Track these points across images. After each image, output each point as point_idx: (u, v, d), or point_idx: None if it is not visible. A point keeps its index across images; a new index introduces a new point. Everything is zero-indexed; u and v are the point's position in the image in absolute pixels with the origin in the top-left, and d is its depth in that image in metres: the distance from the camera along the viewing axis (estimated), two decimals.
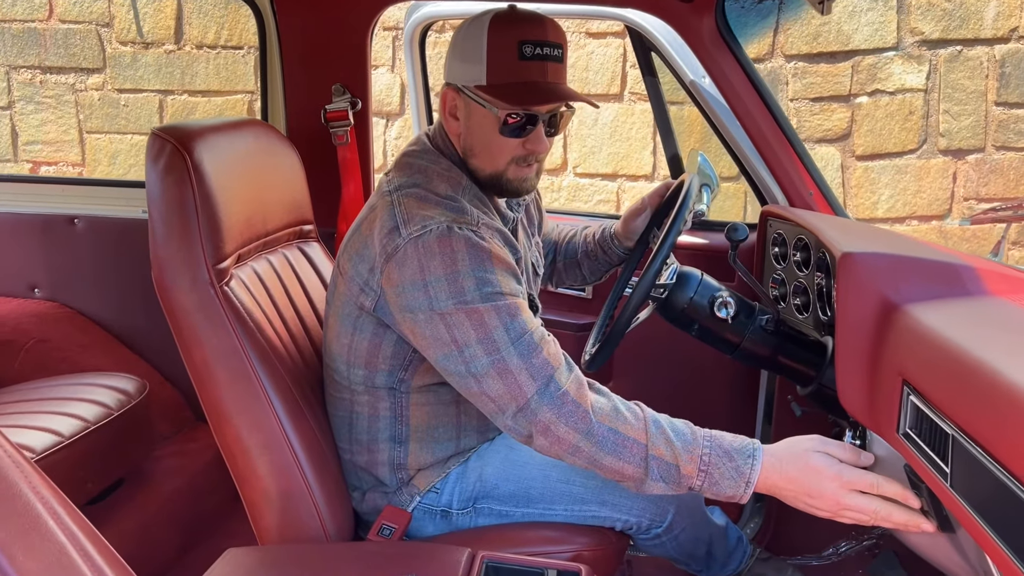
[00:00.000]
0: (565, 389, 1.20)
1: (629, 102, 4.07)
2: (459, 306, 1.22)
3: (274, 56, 1.97)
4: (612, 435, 1.19)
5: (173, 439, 2.11)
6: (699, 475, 1.19)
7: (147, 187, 1.43)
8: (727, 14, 1.79)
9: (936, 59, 3.91)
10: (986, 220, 1.39)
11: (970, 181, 3.98)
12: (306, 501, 1.40)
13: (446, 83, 1.37)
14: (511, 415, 1.22)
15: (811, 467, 1.17)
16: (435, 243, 1.24)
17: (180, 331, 1.41)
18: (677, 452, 1.19)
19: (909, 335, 1.03)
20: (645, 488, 1.21)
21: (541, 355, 1.21)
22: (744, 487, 1.18)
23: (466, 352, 1.22)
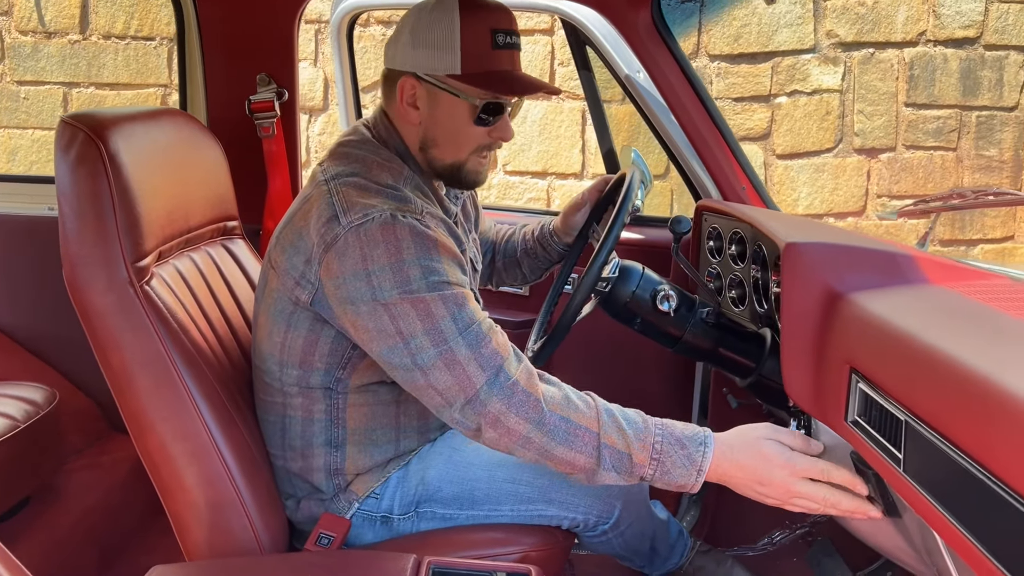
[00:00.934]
0: (515, 379, 1.18)
1: (558, 100, 4.07)
2: (404, 296, 1.18)
3: (193, 44, 1.87)
4: (564, 424, 1.17)
5: (86, 452, 1.98)
6: (651, 464, 1.18)
7: (57, 179, 1.32)
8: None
9: (850, 61, 4.06)
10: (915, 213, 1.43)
11: (883, 179, 4.15)
12: (238, 512, 1.32)
13: (403, 72, 1.32)
14: (459, 408, 1.18)
15: (763, 455, 1.17)
16: (378, 231, 1.19)
17: (96, 335, 1.32)
18: (629, 441, 1.18)
19: (856, 323, 1.04)
20: (597, 479, 1.19)
21: (490, 345, 1.19)
22: (696, 475, 1.18)
23: (412, 344, 1.18)
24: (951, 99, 4.10)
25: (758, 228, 1.45)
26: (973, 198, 1.30)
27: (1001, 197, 1.33)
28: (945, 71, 4.07)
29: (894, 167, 4.13)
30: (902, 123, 4.09)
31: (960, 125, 4.13)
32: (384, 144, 1.35)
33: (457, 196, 1.50)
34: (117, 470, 1.94)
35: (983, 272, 1.17)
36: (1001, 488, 0.72)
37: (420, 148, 1.34)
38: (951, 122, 4.12)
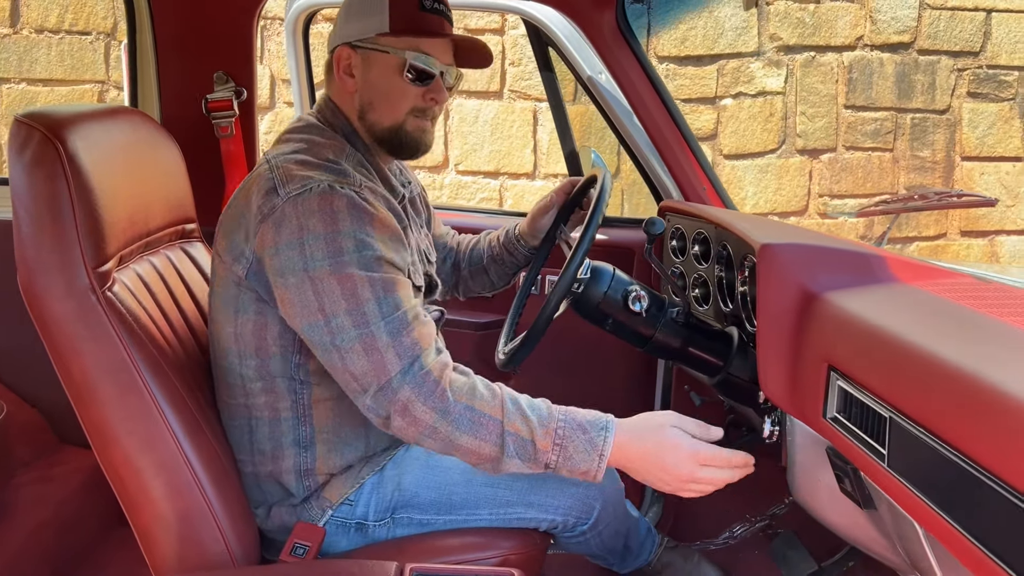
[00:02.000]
0: (429, 369, 1.19)
1: (509, 99, 4.07)
2: (334, 269, 1.18)
3: (145, 40, 1.81)
4: (469, 413, 1.18)
5: (34, 465, 1.89)
6: (554, 449, 1.19)
7: (11, 181, 1.26)
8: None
9: (793, 64, 4.17)
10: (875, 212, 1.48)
11: (824, 179, 4.28)
12: (208, 523, 1.28)
13: (337, 46, 1.38)
14: (372, 394, 1.19)
15: (668, 443, 1.20)
16: (315, 201, 1.20)
17: (55, 343, 1.26)
18: (533, 427, 1.19)
19: (833, 322, 1.06)
20: (501, 467, 1.20)
21: (412, 334, 1.19)
22: (598, 460, 1.20)
23: (333, 322, 1.18)
24: (887, 102, 4.26)
25: (728, 229, 1.47)
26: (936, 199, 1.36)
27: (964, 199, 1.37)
28: (881, 75, 4.23)
29: (835, 167, 4.27)
30: (842, 125, 4.23)
31: (896, 127, 4.29)
32: (330, 126, 1.38)
33: (407, 182, 1.52)
34: (68, 483, 1.86)
35: (947, 271, 1.22)
36: (988, 478, 0.75)
37: (359, 116, 1.37)
38: (887, 124, 4.28)
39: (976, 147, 4.36)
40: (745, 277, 1.51)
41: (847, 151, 4.27)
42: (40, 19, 4.09)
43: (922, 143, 4.30)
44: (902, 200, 1.44)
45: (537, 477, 1.37)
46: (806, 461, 1.21)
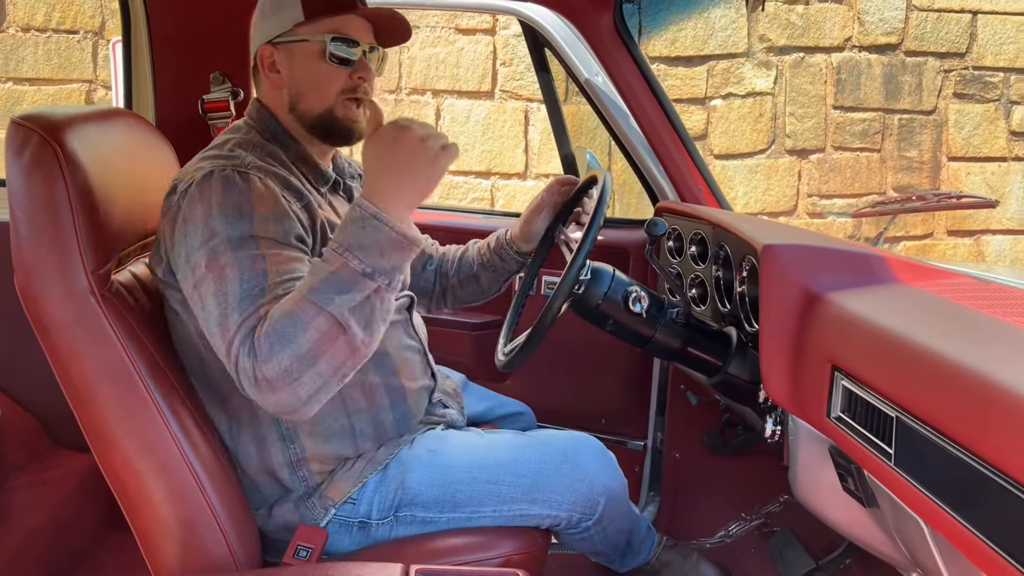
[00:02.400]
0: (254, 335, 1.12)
1: (500, 100, 4.08)
2: (207, 253, 1.17)
3: (141, 40, 1.79)
4: (282, 321, 1.10)
5: (28, 469, 1.88)
6: (349, 256, 1.11)
7: (8, 183, 1.25)
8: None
9: (782, 65, 4.20)
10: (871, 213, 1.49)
11: (812, 179, 4.31)
12: (211, 526, 1.27)
13: (257, 47, 1.38)
14: (236, 376, 1.13)
15: (396, 149, 1.15)
16: (196, 191, 1.22)
17: (54, 346, 1.25)
18: (320, 267, 1.13)
19: (837, 323, 1.07)
20: (345, 321, 1.10)
21: (257, 307, 1.13)
22: (381, 222, 1.12)
23: (206, 309, 1.17)
24: (875, 102, 4.29)
25: (728, 230, 1.48)
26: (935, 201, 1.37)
27: (963, 200, 1.39)
28: (869, 76, 4.26)
29: (823, 167, 4.30)
30: (830, 125, 4.26)
31: (884, 127, 4.33)
32: (255, 123, 1.39)
33: (356, 175, 1.53)
34: (63, 487, 1.85)
35: (946, 271, 1.23)
36: (996, 476, 0.76)
37: (290, 109, 1.37)
38: (875, 124, 4.31)
39: (962, 147, 4.41)
40: (744, 277, 1.52)
41: (836, 151, 4.31)
42: (27, 18, 4.05)
43: (909, 143, 4.34)
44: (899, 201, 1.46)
45: (542, 474, 1.37)
46: (808, 460, 1.22)
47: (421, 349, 1.49)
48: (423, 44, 4.04)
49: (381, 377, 1.40)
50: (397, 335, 1.43)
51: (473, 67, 4.06)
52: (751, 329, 1.49)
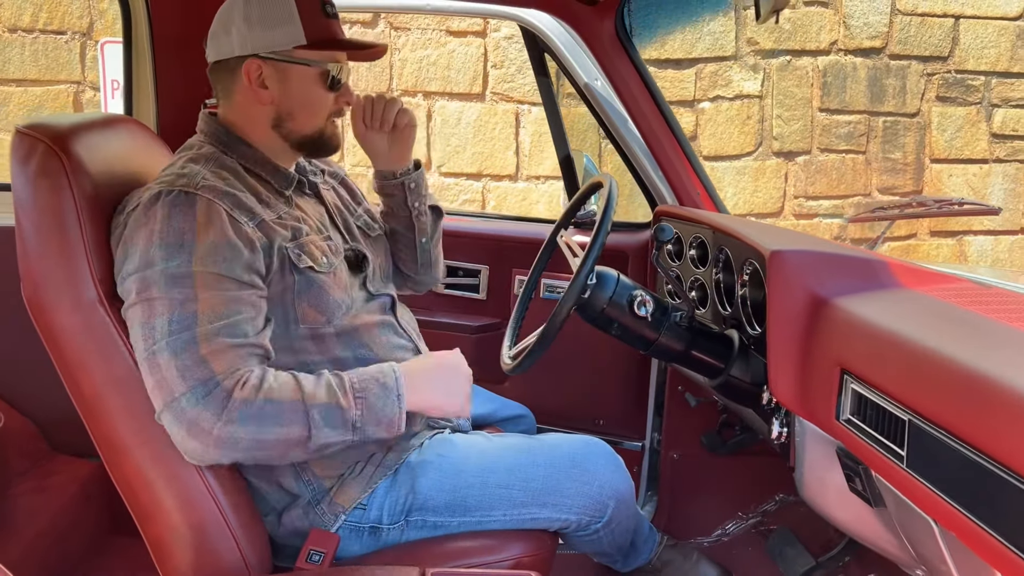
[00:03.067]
0: (221, 388, 1.17)
1: (491, 102, 4.09)
2: (137, 280, 1.19)
3: (143, 44, 1.79)
4: (269, 405, 1.19)
5: (29, 475, 1.87)
6: (356, 404, 1.24)
7: (15, 193, 1.25)
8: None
9: (769, 68, 4.24)
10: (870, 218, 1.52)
11: (799, 181, 4.36)
12: (223, 532, 1.28)
13: (244, 58, 1.34)
14: (160, 412, 1.19)
15: (447, 366, 1.35)
16: (141, 213, 1.23)
17: (63, 356, 1.25)
18: (333, 391, 1.23)
19: (846, 327, 1.10)
20: (312, 444, 1.22)
21: (196, 353, 1.17)
22: (397, 402, 1.26)
23: (131, 337, 1.21)
24: (860, 105, 4.35)
25: (731, 235, 1.50)
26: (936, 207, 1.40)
27: (965, 207, 1.42)
28: (855, 79, 4.32)
29: (809, 169, 4.35)
30: (816, 127, 4.32)
31: (868, 130, 4.39)
32: (208, 137, 1.38)
33: (319, 171, 1.53)
34: (64, 493, 1.84)
35: (947, 276, 1.26)
36: (1010, 476, 0.78)
37: (275, 125, 1.37)
38: (860, 127, 4.37)
39: (945, 149, 4.48)
40: (745, 281, 1.54)
41: (822, 153, 4.36)
42: (13, 18, 4.00)
43: (893, 145, 4.41)
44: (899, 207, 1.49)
45: (552, 477, 1.38)
46: (815, 461, 1.24)
47: (413, 346, 1.49)
48: (414, 46, 4.04)
49: None
50: (386, 337, 1.44)
51: (464, 69, 4.07)
52: (753, 332, 1.51)
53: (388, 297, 1.51)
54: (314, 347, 1.36)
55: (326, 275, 1.36)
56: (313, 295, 1.34)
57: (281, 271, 1.31)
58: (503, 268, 2.21)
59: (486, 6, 1.91)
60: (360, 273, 1.46)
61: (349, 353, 1.39)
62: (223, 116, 1.39)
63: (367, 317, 1.43)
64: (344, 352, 1.38)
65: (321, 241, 1.39)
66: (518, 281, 2.20)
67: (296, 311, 1.34)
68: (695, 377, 1.81)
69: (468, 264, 2.23)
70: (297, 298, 1.33)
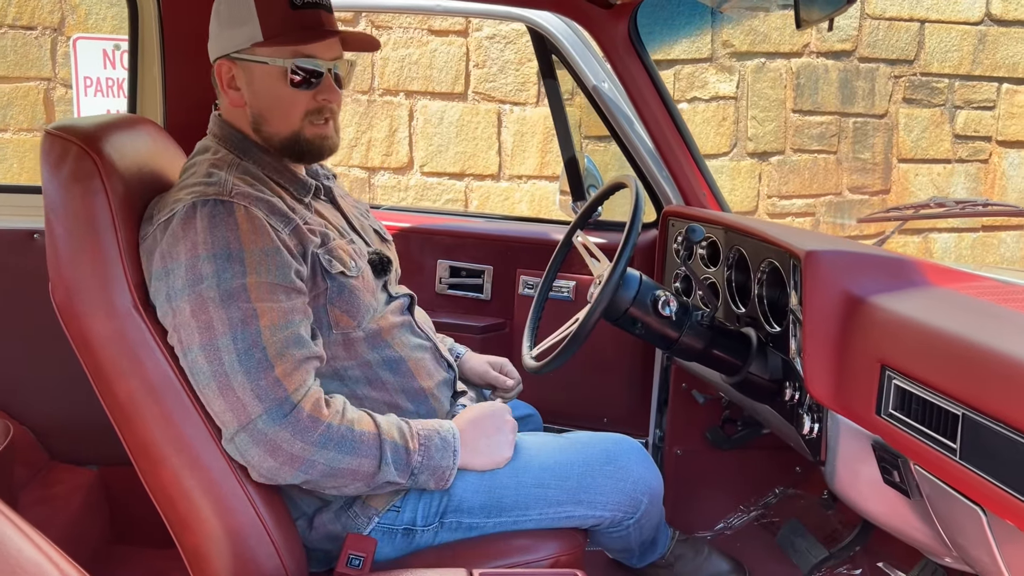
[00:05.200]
0: (299, 406, 1.18)
1: (474, 101, 4.08)
2: (191, 299, 1.17)
3: (152, 42, 1.75)
4: (350, 433, 1.22)
5: (32, 485, 1.81)
6: (420, 450, 1.27)
7: (46, 197, 1.22)
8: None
9: (744, 70, 4.33)
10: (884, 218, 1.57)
11: (773, 180, 4.45)
12: (263, 539, 1.26)
13: (215, 59, 1.33)
14: (231, 435, 1.18)
15: (494, 427, 1.37)
16: (179, 226, 1.19)
17: (98, 365, 1.22)
18: (404, 433, 1.26)
19: (886, 325, 1.13)
20: (375, 480, 1.25)
21: (272, 374, 1.16)
22: (452, 457, 1.30)
23: (189, 356, 1.18)
24: (832, 106, 4.46)
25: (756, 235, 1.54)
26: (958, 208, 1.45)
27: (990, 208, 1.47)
28: (827, 80, 4.43)
29: (783, 169, 4.45)
30: (790, 128, 4.41)
31: (839, 130, 4.50)
32: (222, 141, 1.34)
33: (331, 175, 1.51)
34: (70, 504, 1.79)
35: (969, 274, 1.31)
36: None
37: (254, 129, 1.34)
38: (832, 128, 4.49)
39: (911, 150, 4.62)
40: (762, 280, 1.58)
41: (795, 153, 4.46)
42: None
43: (863, 146, 4.53)
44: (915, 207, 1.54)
45: (586, 475, 1.40)
46: (848, 455, 1.28)
47: (431, 345, 1.50)
48: (396, 45, 4.02)
49: (400, 383, 1.41)
50: (405, 337, 1.44)
51: (446, 68, 4.06)
52: (771, 330, 1.54)
53: (407, 297, 1.51)
54: (344, 352, 1.35)
55: (355, 279, 1.35)
56: (345, 300, 1.34)
57: (314, 277, 1.30)
58: (507, 268, 2.22)
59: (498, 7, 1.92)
60: (384, 276, 1.46)
61: (376, 355, 1.38)
62: (224, 120, 1.37)
63: (391, 319, 1.42)
64: (371, 354, 1.38)
65: (347, 245, 1.38)
66: (522, 281, 2.21)
67: (329, 317, 1.33)
68: (704, 375, 1.84)
69: (472, 265, 2.24)
70: (330, 304, 1.32)
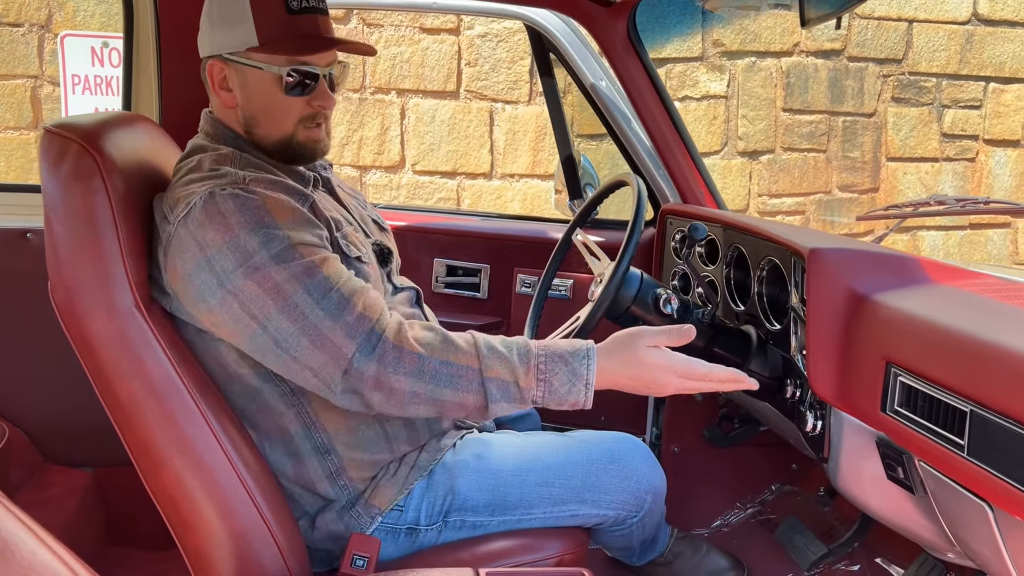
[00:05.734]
0: (385, 337, 1.17)
1: (465, 99, 4.08)
2: (248, 273, 1.15)
3: (147, 39, 1.73)
4: (445, 368, 1.18)
5: (26, 487, 1.79)
6: (538, 385, 1.19)
7: (45, 195, 1.20)
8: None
9: (735, 69, 4.34)
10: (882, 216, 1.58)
11: (763, 179, 4.47)
12: (266, 540, 1.25)
13: (207, 57, 1.31)
14: (339, 383, 1.17)
15: (648, 363, 1.21)
16: (202, 215, 1.17)
17: (99, 365, 1.21)
18: (514, 367, 1.19)
19: (891, 322, 1.14)
20: (488, 413, 1.21)
21: (356, 309, 1.16)
22: (584, 390, 1.20)
23: (270, 326, 1.16)
24: (821, 105, 4.49)
25: (757, 233, 1.54)
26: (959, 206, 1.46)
27: (991, 206, 1.48)
28: (816, 80, 4.45)
29: (773, 168, 4.47)
30: (780, 127, 4.44)
31: (829, 129, 4.53)
32: (216, 140, 1.33)
33: (327, 165, 1.49)
34: (64, 507, 1.77)
35: (970, 272, 1.32)
36: None
37: (246, 130, 1.32)
38: (821, 126, 4.51)
39: (899, 148, 4.66)
40: (762, 278, 1.58)
41: (785, 152, 4.48)
42: None
43: (852, 144, 4.56)
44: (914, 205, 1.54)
45: (591, 474, 1.40)
46: (852, 452, 1.29)
47: None
48: (387, 43, 4.00)
49: None
50: None
51: (438, 67, 4.05)
52: (771, 328, 1.55)
53: (413, 291, 1.50)
54: None
55: (368, 266, 1.35)
56: None
57: None
58: (504, 267, 2.22)
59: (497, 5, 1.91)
60: (386, 267, 1.45)
61: None
62: (217, 119, 1.35)
63: (400, 310, 1.41)
64: None
65: (354, 233, 1.38)
66: (519, 280, 2.21)
67: None
68: None
69: (469, 263, 2.23)
70: None
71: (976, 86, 4.64)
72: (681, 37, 4.21)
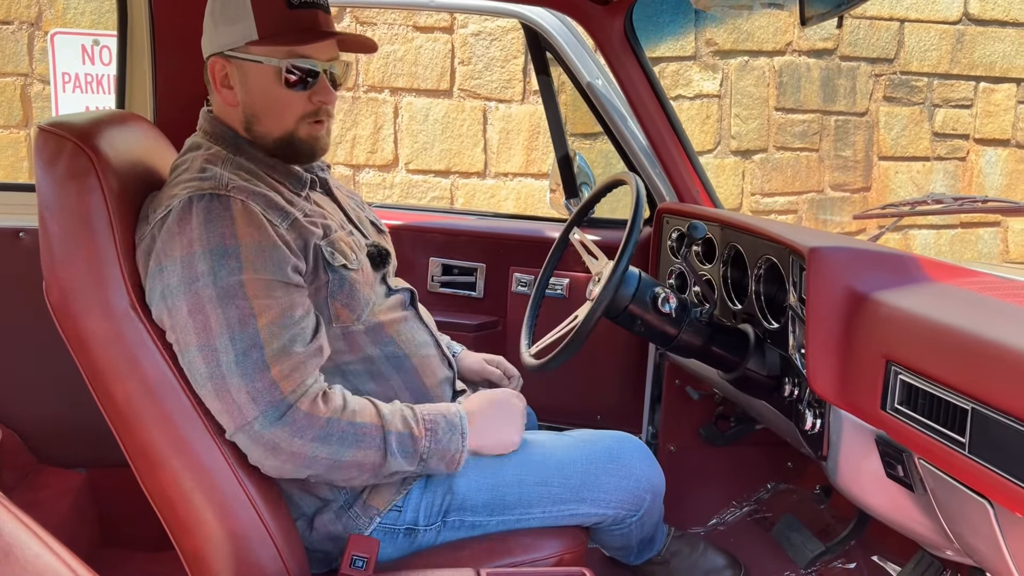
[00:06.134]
0: (296, 407, 1.18)
1: (459, 98, 4.07)
2: (188, 296, 1.15)
3: (142, 37, 1.72)
4: (351, 428, 1.21)
5: (18, 489, 1.78)
6: (427, 435, 1.26)
7: (40, 195, 1.19)
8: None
9: (727, 68, 4.35)
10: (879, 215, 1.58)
11: (756, 178, 4.49)
12: (265, 542, 1.25)
13: (209, 56, 1.31)
14: (232, 434, 1.19)
15: (506, 416, 1.38)
16: (175, 223, 1.18)
17: (93, 365, 1.20)
18: (408, 421, 1.26)
19: (891, 320, 1.14)
20: (383, 471, 1.25)
21: (268, 378, 1.15)
22: (461, 440, 1.29)
23: (186, 356, 1.17)
24: (814, 104, 4.51)
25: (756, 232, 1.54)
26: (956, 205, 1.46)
27: (990, 204, 1.49)
28: (808, 79, 4.47)
29: (766, 167, 4.48)
30: (773, 126, 4.45)
31: (821, 128, 4.55)
32: (213, 138, 1.33)
33: (325, 167, 1.48)
34: (58, 508, 1.76)
35: (969, 270, 1.32)
36: None
37: (246, 128, 1.32)
38: (814, 125, 4.53)
39: (891, 147, 4.68)
40: (760, 276, 1.58)
41: (777, 151, 4.50)
42: None
43: (844, 143, 4.58)
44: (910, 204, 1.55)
45: (591, 473, 1.40)
46: (851, 450, 1.29)
47: (434, 341, 1.49)
48: (380, 41, 3.99)
49: (403, 380, 1.40)
50: (409, 332, 1.43)
51: (431, 65, 4.04)
52: (769, 326, 1.55)
53: (408, 292, 1.49)
54: (346, 346, 1.34)
55: (356, 272, 1.34)
56: (345, 293, 1.32)
57: (315, 271, 1.29)
58: (500, 266, 2.21)
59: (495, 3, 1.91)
60: (382, 269, 1.45)
61: (379, 350, 1.37)
62: (215, 117, 1.35)
63: (390, 313, 1.41)
64: (373, 349, 1.37)
65: (347, 237, 1.37)
66: (515, 279, 2.21)
67: (330, 310, 1.32)
68: (698, 371, 1.85)
69: (465, 262, 2.23)
70: (331, 297, 1.31)
71: (967, 85, 4.67)
72: (674, 36, 4.22)
